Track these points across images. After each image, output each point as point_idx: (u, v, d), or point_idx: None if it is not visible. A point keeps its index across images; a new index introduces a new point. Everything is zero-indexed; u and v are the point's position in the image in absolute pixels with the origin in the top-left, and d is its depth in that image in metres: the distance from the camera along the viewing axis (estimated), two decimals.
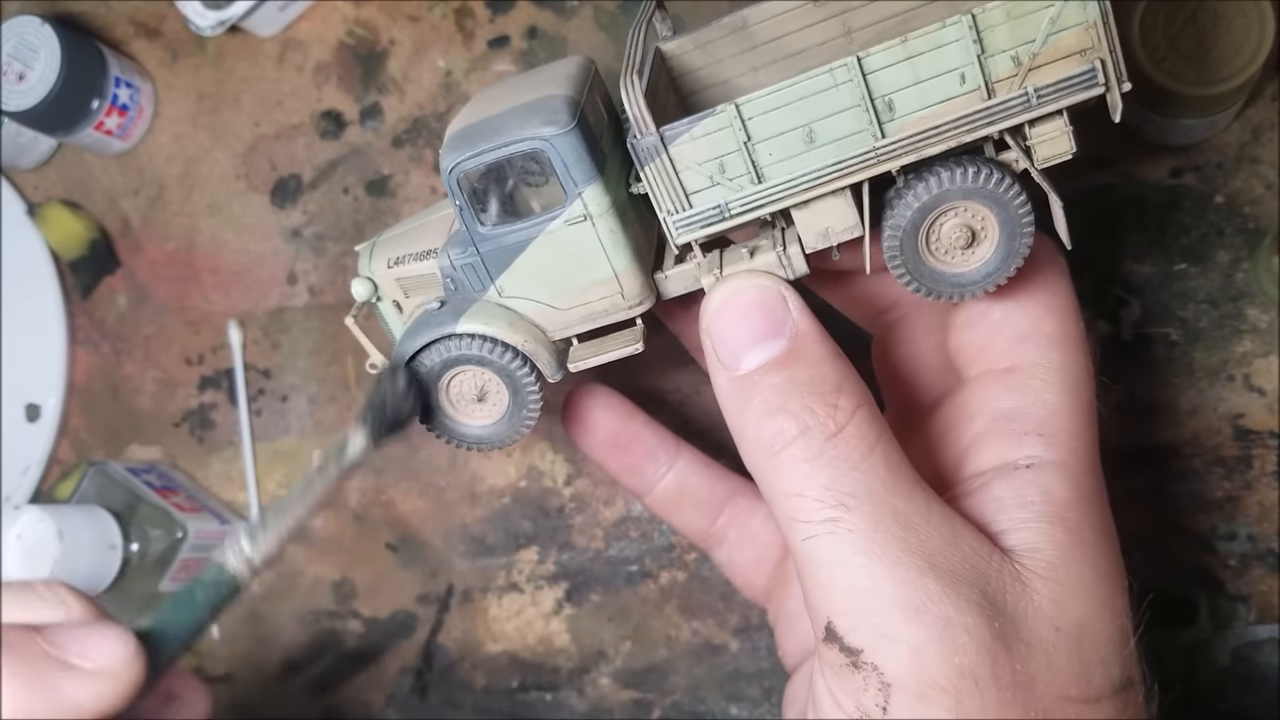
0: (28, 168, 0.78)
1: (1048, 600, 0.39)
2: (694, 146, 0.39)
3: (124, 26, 0.76)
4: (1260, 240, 0.56)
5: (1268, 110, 0.57)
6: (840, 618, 0.38)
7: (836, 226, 0.41)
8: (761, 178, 0.39)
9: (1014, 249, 0.40)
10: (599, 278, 0.42)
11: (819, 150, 0.39)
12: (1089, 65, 0.37)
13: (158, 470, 0.73)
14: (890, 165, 0.39)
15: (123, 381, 0.76)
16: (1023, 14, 0.37)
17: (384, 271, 0.46)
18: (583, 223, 0.41)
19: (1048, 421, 0.42)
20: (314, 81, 0.72)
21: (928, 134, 0.38)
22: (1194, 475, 0.57)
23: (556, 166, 0.40)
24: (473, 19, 0.70)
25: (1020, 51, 0.37)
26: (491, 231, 0.42)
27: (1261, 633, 0.56)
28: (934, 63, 0.37)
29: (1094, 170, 0.59)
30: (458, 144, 0.41)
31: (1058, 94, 0.38)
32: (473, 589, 0.68)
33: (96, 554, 0.66)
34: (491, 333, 0.43)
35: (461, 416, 0.46)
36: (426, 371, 0.44)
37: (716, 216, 0.40)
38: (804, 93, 0.38)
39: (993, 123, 0.38)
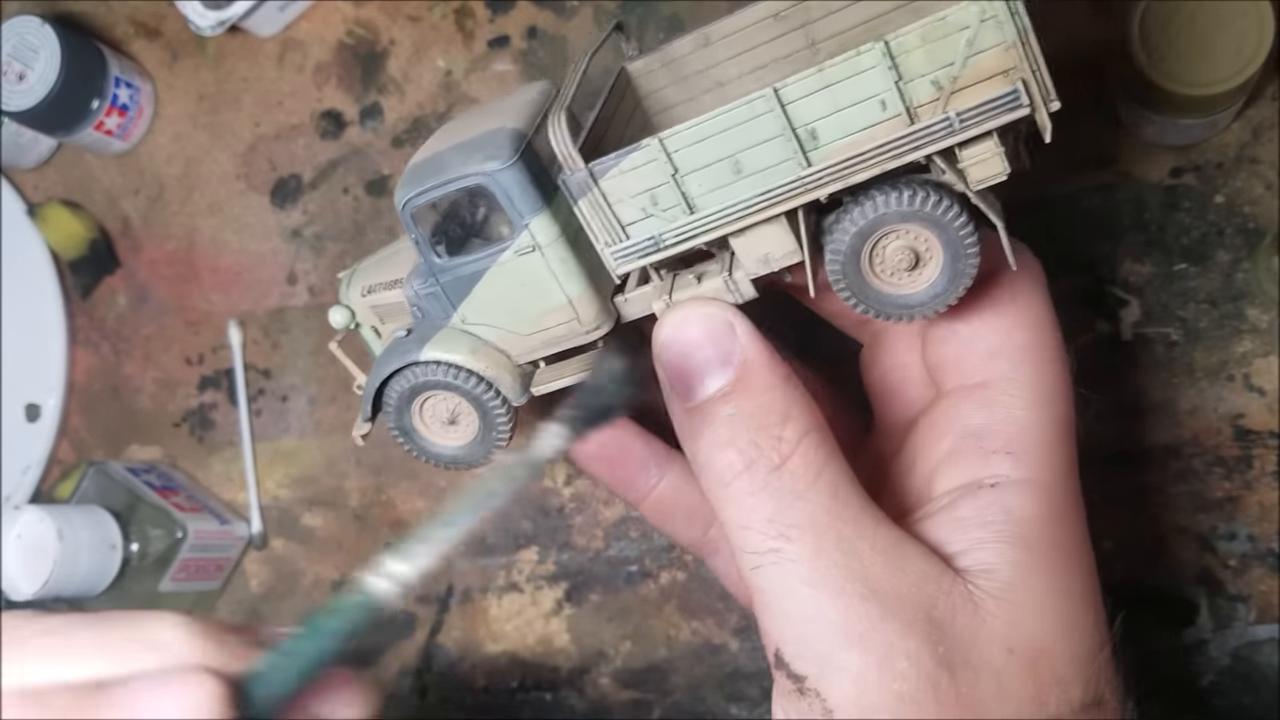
0: (28, 168, 0.78)
1: (1001, 622, 0.39)
2: (624, 180, 0.39)
3: (124, 26, 0.76)
4: (1260, 240, 0.56)
5: (1268, 110, 0.57)
6: (786, 645, 0.39)
7: (776, 253, 0.40)
8: (693, 208, 0.39)
9: (960, 270, 0.39)
10: (554, 304, 0.43)
11: (747, 180, 0.39)
12: (1012, 86, 0.36)
13: (158, 470, 0.73)
14: (818, 193, 0.38)
15: (123, 381, 0.76)
16: (938, 37, 0.36)
17: (359, 300, 0.47)
18: (532, 253, 0.42)
19: (1017, 439, 0.42)
20: (314, 81, 0.72)
21: (853, 161, 0.38)
22: (1194, 475, 0.57)
23: (501, 200, 0.41)
24: (473, 19, 0.70)
25: (940, 75, 0.36)
26: (448, 263, 0.43)
27: (1261, 633, 0.56)
28: (853, 90, 0.37)
29: (1094, 170, 0.59)
30: (409, 180, 0.43)
31: (981, 117, 0.36)
32: (473, 589, 0.68)
33: (96, 554, 0.66)
34: (453, 359, 0.44)
35: (435, 437, 0.47)
36: (398, 396, 0.45)
37: (652, 247, 0.40)
38: (726, 124, 0.38)
39: (917, 148, 0.37)
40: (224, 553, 0.72)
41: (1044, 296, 0.44)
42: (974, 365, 0.43)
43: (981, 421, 0.42)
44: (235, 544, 0.72)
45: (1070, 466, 0.42)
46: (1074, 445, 0.43)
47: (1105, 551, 0.57)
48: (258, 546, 0.72)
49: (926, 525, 0.41)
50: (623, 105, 0.47)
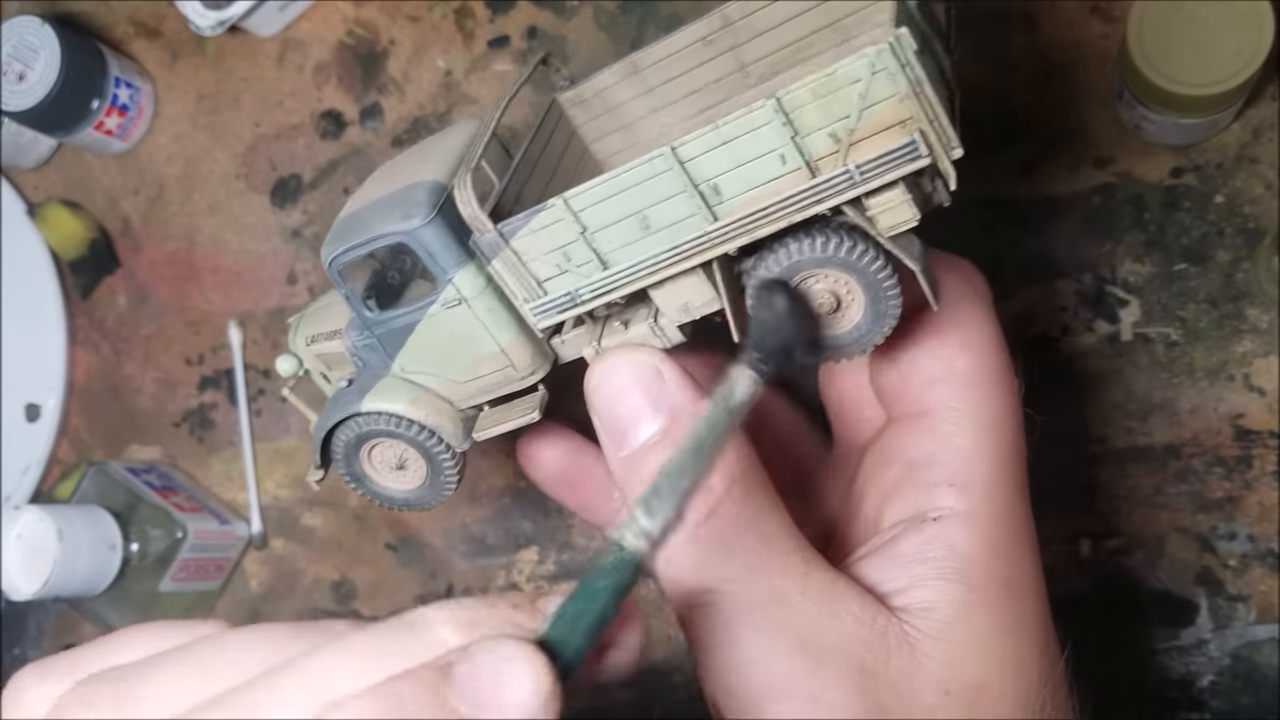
0: (28, 168, 0.78)
1: (937, 663, 0.38)
2: (535, 239, 0.39)
3: (124, 26, 0.76)
4: (1260, 240, 0.56)
5: (1268, 110, 0.57)
6: (719, 695, 0.39)
7: (695, 302, 0.40)
8: (606, 264, 0.39)
9: (882, 311, 0.39)
10: (486, 353, 0.43)
11: (656, 235, 0.38)
12: (909, 138, 0.35)
13: (158, 470, 0.73)
14: (726, 247, 0.38)
15: (123, 381, 0.76)
16: (830, 91, 0.35)
17: (305, 348, 0.48)
18: (459, 306, 0.42)
19: (960, 470, 0.40)
20: (314, 81, 0.72)
21: (757, 215, 0.37)
22: (1194, 475, 0.57)
23: (422, 256, 0.41)
24: (473, 19, 0.70)
25: (837, 128, 0.36)
26: (379, 317, 0.43)
27: (1261, 633, 0.56)
28: (750, 146, 0.36)
29: (1094, 170, 0.59)
30: (334, 238, 0.43)
31: (881, 169, 0.36)
32: (473, 589, 0.68)
33: (96, 554, 0.66)
34: (394, 410, 0.44)
35: (386, 481, 0.47)
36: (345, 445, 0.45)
37: (569, 303, 0.40)
38: (629, 183, 0.37)
39: (820, 201, 0.37)
40: (224, 553, 0.72)
41: (988, 317, 0.43)
42: (916, 393, 0.42)
43: (925, 452, 0.41)
44: (235, 544, 0.72)
45: (1018, 494, 0.41)
46: (1023, 470, 0.42)
47: (1108, 551, 0.58)
48: (258, 546, 0.72)
49: (870, 561, 0.41)
50: (556, 136, 0.47)
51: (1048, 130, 0.59)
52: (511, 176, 0.43)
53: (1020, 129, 0.60)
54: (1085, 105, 0.59)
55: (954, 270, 0.43)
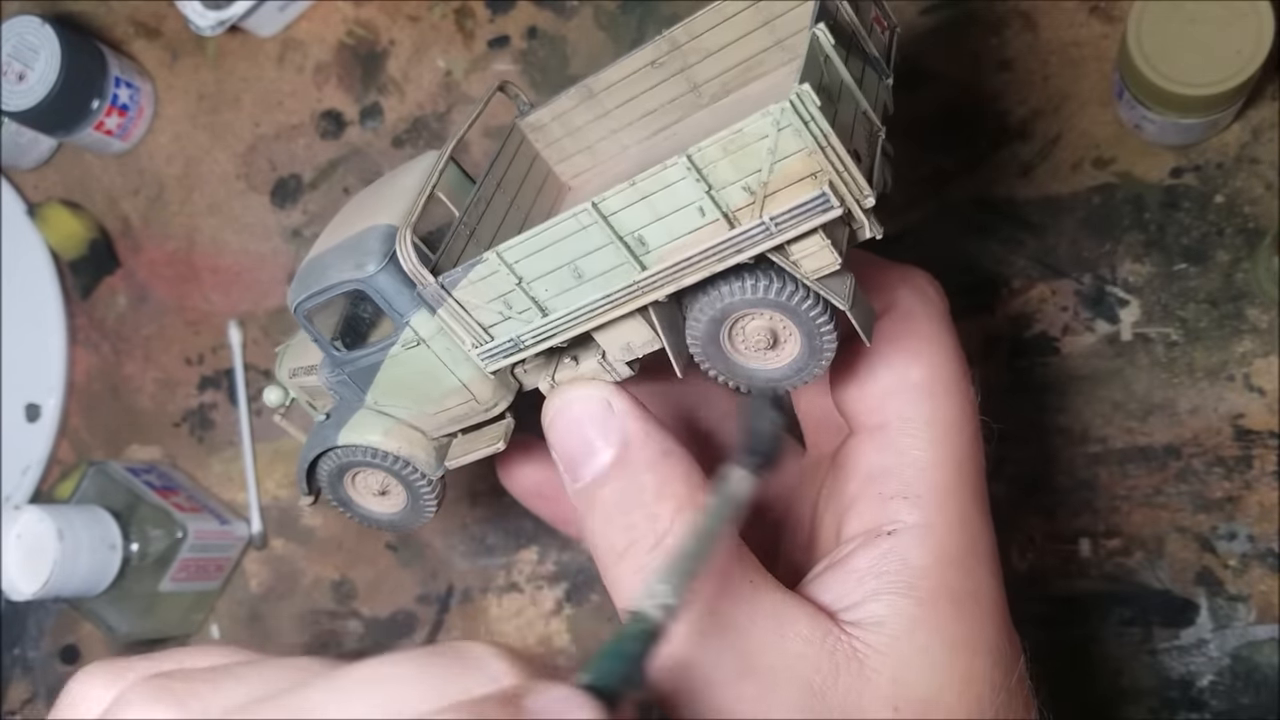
0: (28, 168, 0.78)
1: (885, 679, 0.38)
2: (475, 289, 0.40)
3: (124, 26, 0.76)
4: (1260, 240, 0.56)
5: (1268, 110, 0.57)
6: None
7: (636, 342, 0.41)
8: (545, 311, 0.40)
9: (818, 347, 0.40)
10: (449, 388, 0.44)
11: (590, 284, 0.39)
12: (820, 190, 0.36)
13: (158, 470, 0.73)
14: (656, 295, 0.39)
15: (123, 381, 0.76)
16: (740, 147, 0.36)
17: (289, 380, 0.49)
18: (417, 346, 0.43)
19: (915, 482, 0.41)
20: (314, 81, 0.72)
21: (682, 265, 0.38)
22: (1194, 475, 0.57)
23: (378, 302, 0.42)
24: (473, 19, 0.70)
25: (750, 181, 0.36)
26: (346, 356, 0.44)
27: (1261, 633, 0.56)
28: (669, 200, 0.37)
29: (1094, 170, 0.59)
30: (299, 284, 0.44)
31: (795, 220, 0.36)
32: (473, 589, 0.68)
33: (96, 554, 0.66)
34: (367, 442, 0.45)
35: (371, 506, 0.49)
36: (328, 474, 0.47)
37: (513, 348, 0.41)
38: (558, 235, 0.38)
39: (739, 251, 0.37)
40: (224, 553, 0.72)
41: (942, 327, 0.43)
42: (872, 406, 0.42)
43: (881, 465, 0.41)
44: (235, 544, 0.72)
45: (974, 502, 0.41)
46: (980, 478, 0.42)
47: (1108, 551, 0.58)
48: (258, 546, 0.72)
49: (826, 576, 0.41)
50: (517, 161, 0.48)
51: (1047, 130, 0.59)
52: (469, 207, 0.44)
53: (1020, 129, 0.60)
54: (1085, 105, 0.59)
55: (906, 282, 0.43)
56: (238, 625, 0.72)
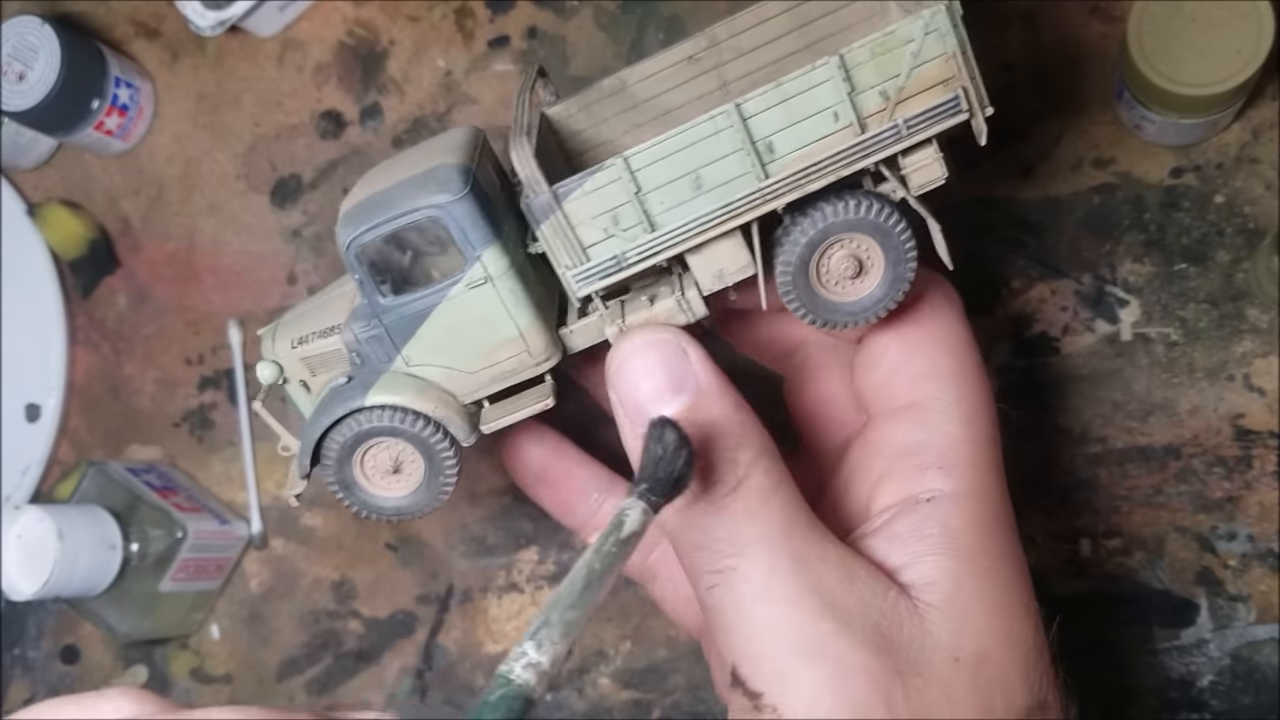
0: (28, 168, 0.78)
1: (945, 632, 0.39)
2: (587, 201, 0.40)
3: (124, 26, 0.76)
4: (1260, 240, 0.56)
5: (1268, 110, 0.57)
6: (743, 663, 0.39)
7: (730, 268, 0.42)
8: (654, 226, 0.40)
9: (899, 274, 0.42)
10: (505, 337, 0.43)
11: (707, 195, 0.40)
12: (952, 94, 0.39)
13: (158, 470, 0.73)
14: (775, 204, 0.40)
15: (123, 381, 0.76)
16: (886, 50, 0.38)
17: (288, 352, 0.46)
18: (484, 285, 0.42)
19: (948, 454, 0.43)
20: (314, 81, 0.72)
21: (808, 171, 0.39)
22: (1194, 475, 0.57)
23: (453, 232, 0.41)
24: (473, 19, 0.70)
25: (887, 86, 0.39)
26: (393, 302, 0.42)
27: (1261, 633, 0.56)
28: (807, 104, 0.39)
29: (1094, 170, 0.59)
30: (353, 219, 0.42)
31: (925, 123, 0.39)
32: (473, 589, 0.68)
33: (96, 554, 0.66)
34: (401, 402, 0.43)
35: (377, 489, 0.46)
36: (340, 447, 0.44)
37: (614, 267, 0.41)
38: (688, 141, 0.39)
39: (868, 156, 0.39)
40: (224, 553, 0.72)
41: (964, 322, 0.46)
42: (903, 388, 0.45)
43: (915, 439, 0.44)
44: (235, 544, 0.72)
45: (999, 479, 0.44)
46: (1000, 459, 0.44)
47: (1108, 551, 0.58)
48: (258, 546, 0.72)
49: (867, 543, 0.42)
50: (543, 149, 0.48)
51: (1048, 130, 0.59)
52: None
53: (1020, 129, 0.60)
54: (1085, 105, 0.59)
55: (932, 281, 0.46)
56: (238, 625, 0.72)
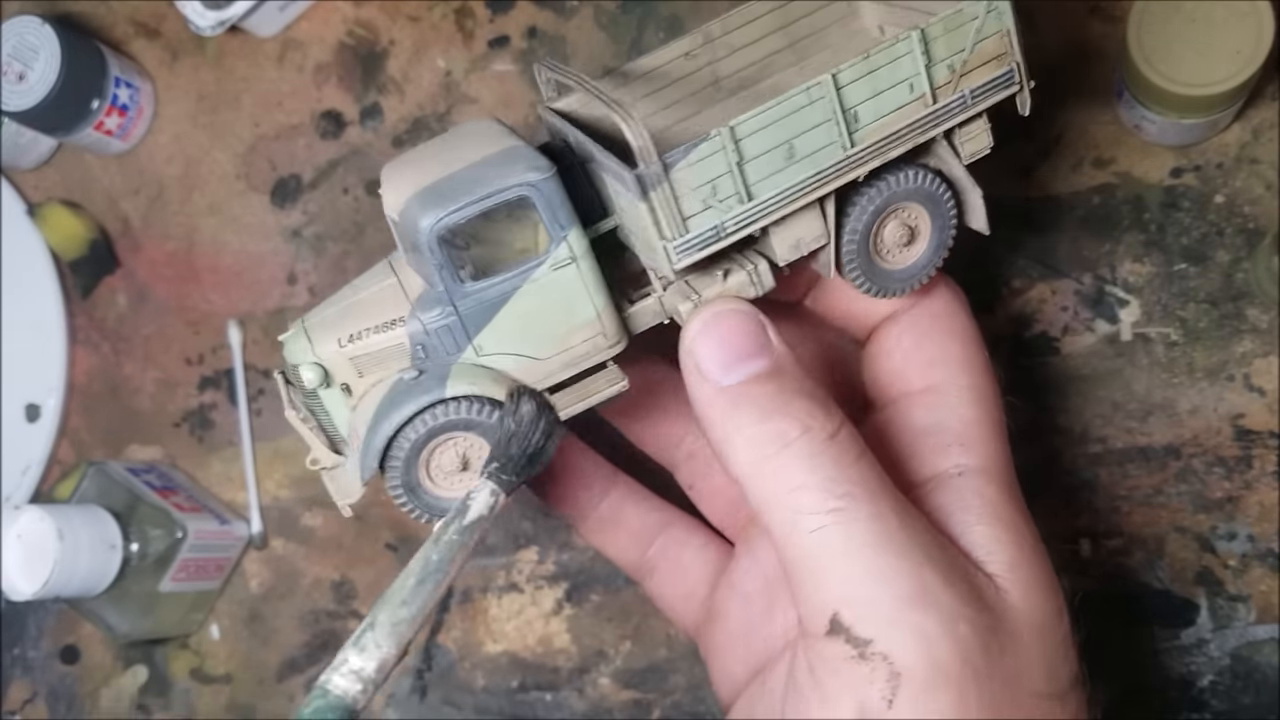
0: (28, 168, 0.78)
1: (1014, 597, 0.40)
2: (689, 172, 0.40)
3: (124, 26, 0.76)
4: (1260, 240, 0.56)
5: (1268, 110, 0.57)
6: (847, 608, 0.38)
7: (807, 237, 0.43)
8: (751, 196, 0.41)
9: (942, 241, 0.46)
10: (582, 320, 0.43)
11: (799, 164, 0.41)
12: (1007, 67, 0.43)
13: (158, 470, 0.73)
14: (859, 172, 0.42)
15: (123, 381, 0.76)
16: (955, 26, 0.42)
17: (335, 352, 0.43)
18: (568, 265, 0.41)
19: (967, 432, 0.44)
20: (314, 81, 0.72)
21: (887, 140, 0.42)
22: (1194, 475, 0.57)
23: (542, 211, 0.41)
24: (473, 19, 0.70)
25: (954, 60, 0.42)
26: (472, 287, 0.42)
27: (1261, 633, 0.56)
28: (890, 75, 0.42)
29: (1094, 170, 0.59)
30: (433, 201, 0.41)
31: (986, 94, 0.43)
32: (473, 589, 0.68)
33: (96, 554, 0.66)
34: (480, 391, 0.42)
35: (442, 490, 0.44)
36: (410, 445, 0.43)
37: (713, 237, 0.41)
38: (786, 111, 0.41)
39: (938, 124, 0.43)
40: (224, 553, 0.72)
41: (970, 314, 0.49)
42: (916, 373, 0.47)
43: (932, 420, 0.45)
44: (235, 544, 0.72)
45: (1009, 458, 0.46)
46: (1009, 446, 0.46)
47: (1108, 551, 0.58)
48: (258, 546, 0.72)
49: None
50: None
51: (1047, 130, 0.59)
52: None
53: (1020, 129, 0.60)
54: (1085, 105, 0.59)
55: (939, 277, 0.48)
56: (238, 625, 0.72)
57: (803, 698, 0.39)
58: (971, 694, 0.37)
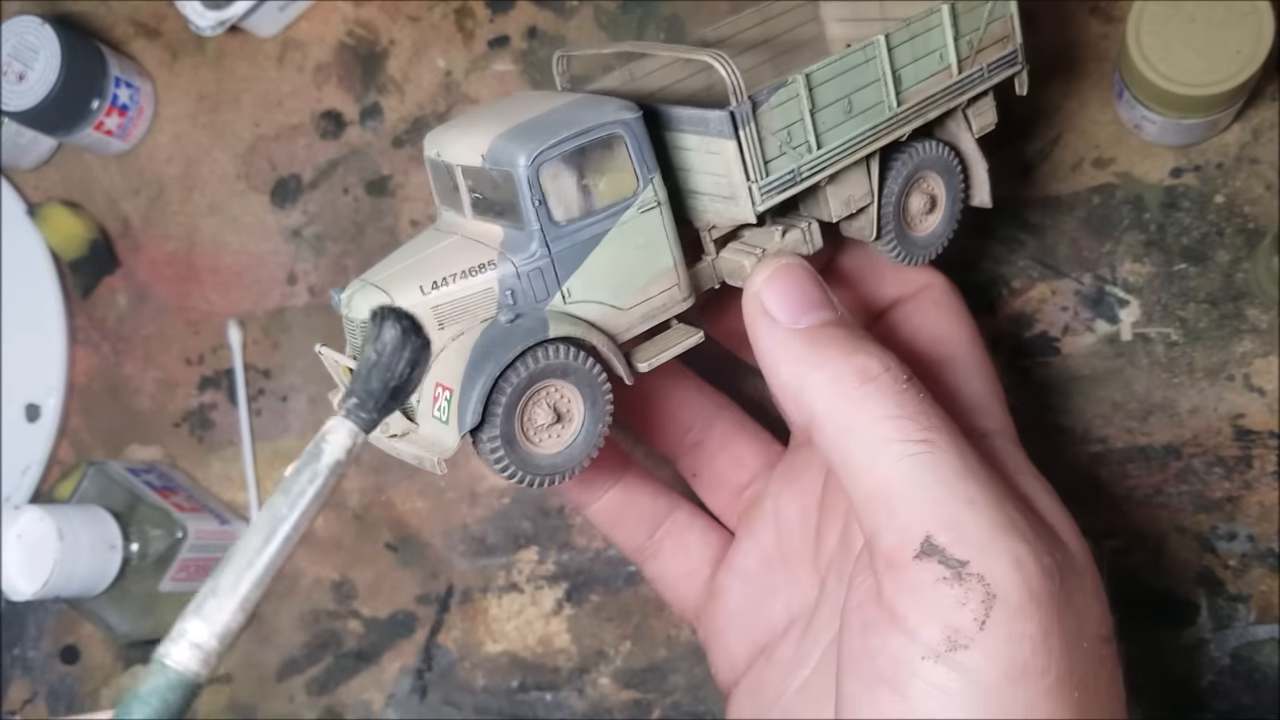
0: (28, 168, 0.78)
1: (1071, 540, 0.42)
2: (771, 116, 0.43)
3: (124, 26, 0.76)
4: (1260, 240, 0.56)
5: (1268, 110, 0.57)
6: (941, 532, 0.38)
7: (856, 194, 0.46)
8: (819, 144, 0.44)
9: (954, 212, 0.49)
10: (662, 268, 0.43)
11: (856, 118, 0.45)
12: (1014, 47, 0.48)
13: (158, 470, 0.73)
14: (903, 130, 0.46)
15: (123, 381, 0.76)
16: (972, 7, 0.47)
17: (418, 300, 0.41)
18: (654, 209, 0.43)
19: (980, 403, 0.47)
20: (314, 81, 0.72)
21: (924, 103, 0.46)
22: (1194, 475, 0.57)
23: (632, 151, 0.42)
24: (473, 19, 0.70)
25: (972, 37, 0.47)
26: (567, 228, 0.41)
27: (1261, 633, 0.56)
28: (926, 43, 0.46)
29: (1094, 170, 0.59)
30: (529, 137, 0.41)
31: (997, 69, 0.48)
32: (473, 589, 0.68)
33: (96, 554, 0.66)
34: (579, 334, 0.42)
35: (533, 445, 0.43)
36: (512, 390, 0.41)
37: (790, 180, 0.44)
38: (849, 64, 0.44)
39: (963, 93, 0.48)
40: (224, 553, 0.72)
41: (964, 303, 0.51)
42: (925, 350, 0.49)
43: (948, 389, 0.47)
44: None
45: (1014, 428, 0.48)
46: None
47: (1108, 551, 0.58)
48: None
49: None
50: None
51: (1047, 130, 0.60)
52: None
53: (1020, 129, 0.60)
54: (1085, 105, 0.59)
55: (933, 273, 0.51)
56: None
57: (872, 632, 0.39)
58: (1055, 624, 0.38)
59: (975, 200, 0.50)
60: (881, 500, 0.40)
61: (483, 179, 0.42)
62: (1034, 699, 0.37)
